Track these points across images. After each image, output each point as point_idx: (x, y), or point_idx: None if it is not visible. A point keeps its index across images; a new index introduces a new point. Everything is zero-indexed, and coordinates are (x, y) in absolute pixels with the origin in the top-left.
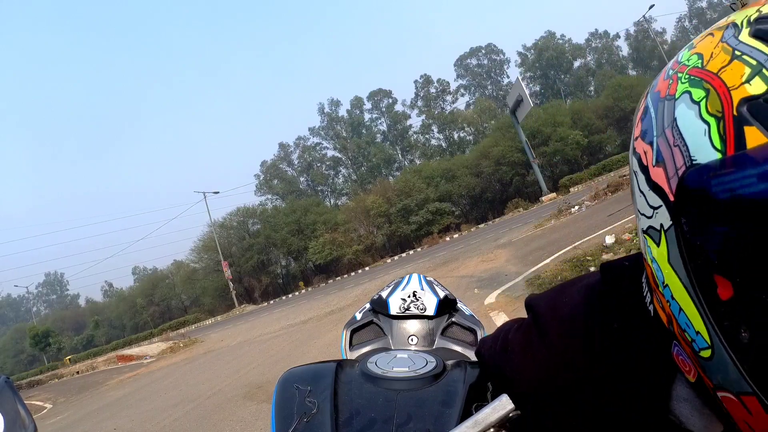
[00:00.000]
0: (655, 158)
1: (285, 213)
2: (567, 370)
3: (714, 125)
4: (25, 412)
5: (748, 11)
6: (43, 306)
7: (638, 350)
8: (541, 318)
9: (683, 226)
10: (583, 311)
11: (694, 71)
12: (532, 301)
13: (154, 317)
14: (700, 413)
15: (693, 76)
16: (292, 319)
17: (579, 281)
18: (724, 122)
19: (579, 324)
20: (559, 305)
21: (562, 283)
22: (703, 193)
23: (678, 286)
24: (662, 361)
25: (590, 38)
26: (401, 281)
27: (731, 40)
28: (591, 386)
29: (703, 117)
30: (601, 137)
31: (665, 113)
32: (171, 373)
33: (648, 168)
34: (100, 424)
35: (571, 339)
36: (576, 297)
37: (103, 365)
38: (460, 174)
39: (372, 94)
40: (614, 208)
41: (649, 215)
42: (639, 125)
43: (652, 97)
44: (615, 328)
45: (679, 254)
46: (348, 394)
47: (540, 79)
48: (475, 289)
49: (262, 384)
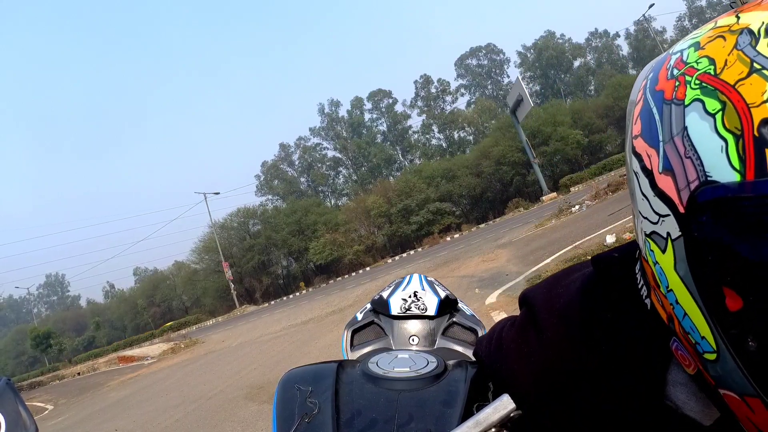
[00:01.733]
0: (662, 165)
1: (286, 213)
2: (563, 364)
3: (732, 143)
4: (26, 414)
5: (764, 17)
6: (44, 307)
7: (632, 338)
8: (537, 313)
9: (695, 241)
10: (578, 303)
11: (705, 78)
12: (527, 295)
13: (155, 318)
14: (697, 397)
15: (705, 84)
16: (293, 319)
17: (573, 272)
18: (743, 141)
19: (574, 316)
20: (553, 298)
21: (555, 274)
22: (719, 212)
23: (684, 293)
24: (656, 347)
25: (590, 38)
26: (402, 281)
27: (748, 50)
28: (588, 381)
29: (719, 132)
30: (601, 137)
31: (673, 119)
32: (172, 374)
33: (653, 173)
34: (101, 425)
35: (567, 331)
36: (571, 288)
37: (104, 366)
38: (461, 174)
39: (372, 95)
40: (615, 208)
41: (654, 221)
42: (638, 123)
43: (653, 94)
44: (608, 318)
45: (687, 264)
46: (349, 395)
47: (540, 78)
48: (476, 289)
49: (263, 385)
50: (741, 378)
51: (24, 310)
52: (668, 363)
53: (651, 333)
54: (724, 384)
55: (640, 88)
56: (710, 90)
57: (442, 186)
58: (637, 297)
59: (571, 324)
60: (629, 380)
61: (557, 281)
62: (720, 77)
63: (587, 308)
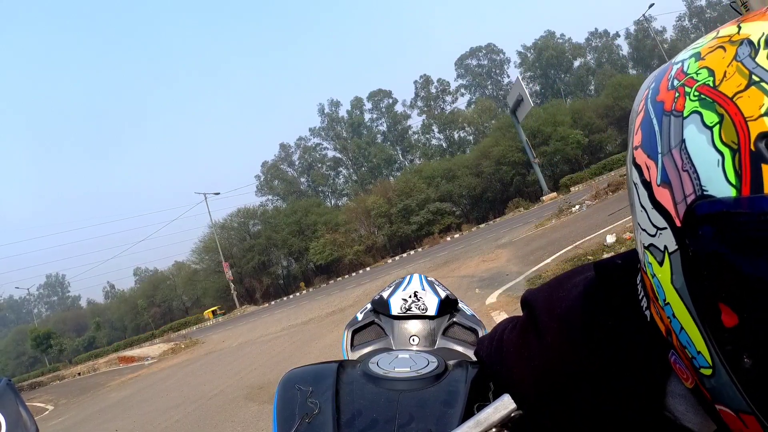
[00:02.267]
0: (660, 177)
1: (286, 214)
2: (564, 366)
3: (729, 157)
4: (26, 414)
5: (765, 27)
6: (45, 308)
7: (632, 346)
8: (538, 316)
9: (690, 256)
10: (579, 308)
11: (704, 89)
12: (529, 297)
13: (155, 318)
14: (695, 410)
15: (704, 95)
16: (294, 319)
17: (575, 275)
18: (740, 156)
19: (576, 320)
20: (555, 301)
21: (557, 276)
22: (715, 227)
23: (680, 307)
24: (657, 356)
25: (590, 37)
26: (402, 281)
27: (747, 61)
28: (588, 383)
29: (716, 146)
30: (601, 136)
31: (672, 131)
32: (172, 374)
33: (651, 185)
34: (101, 425)
35: (568, 335)
36: (572, 292)
37: (105, 366)
38: (461, 174)
39: (372, 95)
40: (615, 208)
41: (652, 233)
42: (639, 133)
43: (654, 105)
44: (609, 324)
45: (683, 279)
46: (350, 395)
47: (540, 78)
48: (476, 289)
49: (264, 385)
50: (736, 394)
51: (24, 310)
52: (668, 373)
53: (651, 341)
54: (720, 399)
55: (642, 98)
56: (709, 102)
57: (442, 186)
58: (638, 305)
59: (572, 328)
60: (629, 382)
61: (559, 284)
62: (719, 89)
63: (588, 312)
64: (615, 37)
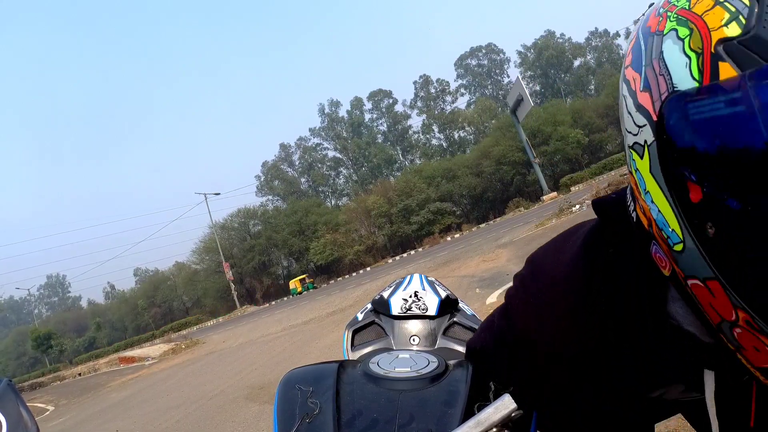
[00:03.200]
0: (643, 85)
1: (286, 214)
2: (565, 348)
3: (694, 59)
4: (27, 415)
5: None
6: (45, 308)
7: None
8: (534, 281)
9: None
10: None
11: (681, 12)
12: (534, 259)
13: (155, 319)
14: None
15: (680, 16)
16: (294, 320)
17: (570, 235)
18: (703, 58)
19: (576, 278)
20: (554, 266)
21: (555, 238)
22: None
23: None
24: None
25: (590, 37)
26: (402, 281)
27: None
28: (589, 382)
29: (686, 52)
30: (601, 136)
31: (653, 46)
32: (173, 374)
33: (636, 93)
34: (102, 426)
35: (566, 304)
36: (572, 249)
37: (105, 367)
38: (461, 174)
39: (372, 95)
40: None
41: (635, 133)
42: (630, 55)
43: (643, 30)
44: (610, 252)
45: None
46: (350, 395)
47: (540, 78)
48: (477, 289)
49: (264, 385)
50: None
51: (25, 311)
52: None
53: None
54: (690, 272)
55: (636, 28)
56: (683, 20)
57: (443, 186)
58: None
59: (569, 291)
60: (628, 360)
61: (559, 246)
62: (692, 10)
63: (589, 260)
64: (615, 37)
